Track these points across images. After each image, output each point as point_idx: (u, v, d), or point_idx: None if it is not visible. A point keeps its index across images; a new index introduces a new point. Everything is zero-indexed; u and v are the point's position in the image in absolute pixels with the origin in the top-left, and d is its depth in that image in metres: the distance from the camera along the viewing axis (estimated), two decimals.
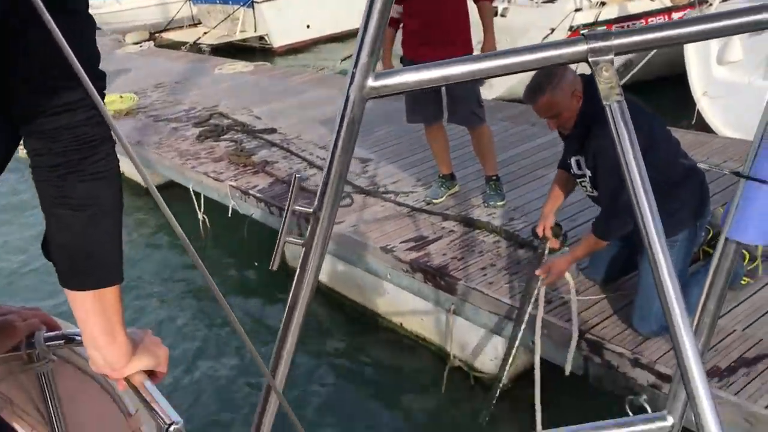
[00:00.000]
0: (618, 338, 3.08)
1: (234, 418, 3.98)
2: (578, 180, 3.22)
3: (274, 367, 0.92)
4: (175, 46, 13.87)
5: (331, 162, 0.83)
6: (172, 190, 6.60)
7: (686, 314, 0.84)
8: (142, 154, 6.62)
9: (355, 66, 0.80)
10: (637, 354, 2.97)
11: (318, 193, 0.84)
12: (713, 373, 2.79)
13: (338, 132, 0.82)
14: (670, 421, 0.98)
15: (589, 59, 0.80)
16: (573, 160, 3.16)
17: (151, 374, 1.09)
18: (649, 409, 2.91)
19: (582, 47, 0.80)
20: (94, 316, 1.01)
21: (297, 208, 0.87)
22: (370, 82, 0.80)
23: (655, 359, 2.93)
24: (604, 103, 0.82)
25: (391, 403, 3.95)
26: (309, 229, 0.86)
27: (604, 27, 7.42)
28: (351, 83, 0.80)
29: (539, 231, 3.36)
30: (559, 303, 3.38)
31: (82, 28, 0.93)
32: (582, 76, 3.06)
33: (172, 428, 0.96)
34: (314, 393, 4.07)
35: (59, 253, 0.99)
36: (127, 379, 1.07)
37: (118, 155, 0.99)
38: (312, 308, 0.90)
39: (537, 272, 3.18)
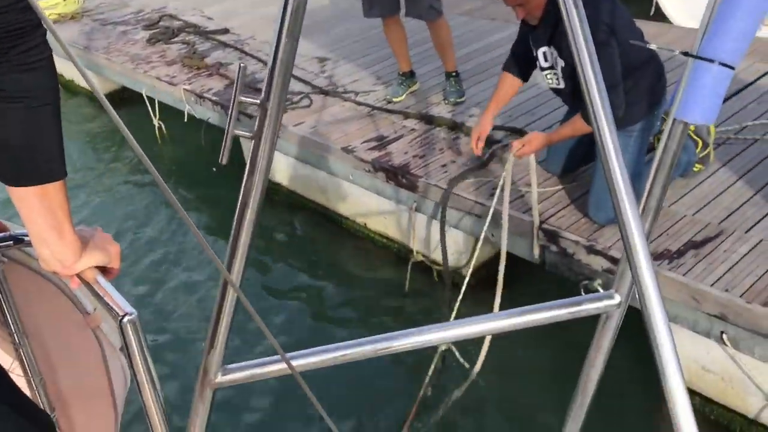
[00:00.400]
0: (574, 227, 3.16)
1: (191, 314, 4.06)
2: (544, 73, 3.20)
3: (230, 263, 0.92)
4: None
5: (276, 50, 0.80)
6: (124, 96, 6.42)
7: (633, 196, 0.85)
8: (91, 59, 6.36)
9: None
10: (592, 241, 3.06)
11: (265, 83, 0.82)
12: (664, 256, 2.89)
13: (282, 18, 0.79)
14: (617, 299, 1.03)
15: None
16: (540, 53, 3.12)
17: (103, 271, 1.08)
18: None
19: None
20: (40, 213, 0.99)
21: (243, 98, 0.85)
22: None
23: (609, 246, 3.02)
24: None
25: (356, 300, 4.04)
26: (257, 120, 0.84)
27: None
28: None
29: (473, 140, 3.36)
30: (517, 196, 3.43)
31: None
32: None
33: (126, 319, 0.95)
34: (277, 294, 4.13)
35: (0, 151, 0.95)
36: (79, 276, 1.06)
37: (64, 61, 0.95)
38: (275, 211, 0.90)
39: (514, 143, 3.15)
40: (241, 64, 0.88)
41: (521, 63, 3.32)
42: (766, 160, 3.45)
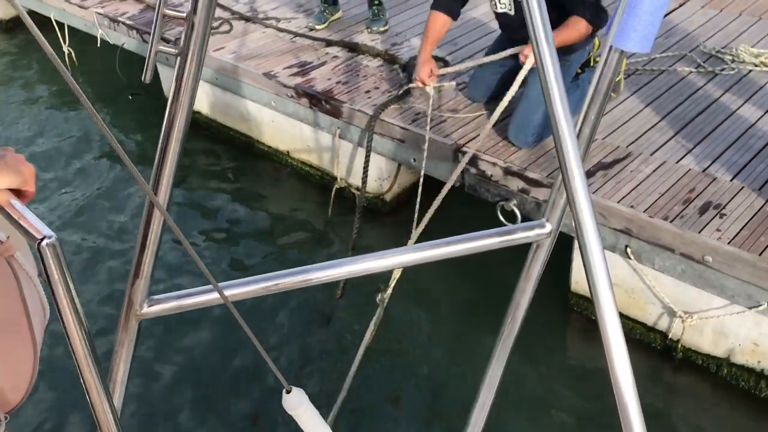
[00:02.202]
0: (492, 150, 3.27)
1: (115, 235, 3.99)
2: (500, 11, 3.24)
3: (156, 184, 0.89)
4: None
5: None
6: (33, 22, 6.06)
7: (571, 124, 0.86)
8: None
9: None
10: (509, 163, 3.18)
11: None
12: None
13: None
14: (548, 227, 1.03)
15: None
16: None
17: (17, 194, 1.01)
18: (518, 213, 3.18)
19: None
20: None
21: (168, 11, 0.81)
22: None
23: (525, 167, 3.15)
24: None
25: (279, 228, 4.05)
26: (183, 35, 0.80)
27: None
28: None
29: (425, 78, 3.35)
30: (439, 121, 3.51)
31: None
32: None
33: (44, 242, 0.88)
34: (199, 224, 4.09)
35: None
36: None
37: None
38: (195, 140, 0.87)
39: (525, 51, 3.11)
40: None
41: (454, 4, 3.33)
42: (671, 90, 3.64)
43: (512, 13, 3.21)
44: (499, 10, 3.28)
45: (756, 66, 3.77)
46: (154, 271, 0.98)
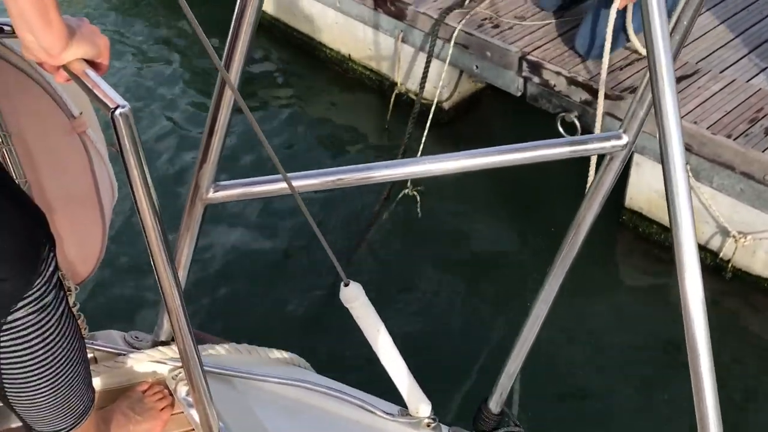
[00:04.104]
0: (557, 59, 3.24)
1: (186, 121, 4.09)
2: None
3: (228, 62, 0.88)
4: None
5: None
6: None
7: (666, 29, 0.83)
8: None
9: None
10: (574, 73, 3.14)
11: None
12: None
13: None
14: (624, 139, 0.99)
15: None
16: None
17: (92, 65, 1.00)
18: (578, 125, 3.17)
19: None
20: None
21: None
22: None
23: (589, 78, 3.12)
24: None
25: (338, 128, 4.12)
26: None
27: None
28: None
29: None
30: (505, 27, 3.47)
31: None
32: None
33: (118, 112, 0.87)
34: (262, 125, 4.17)
35: None
36: (66, 69, 0.98)
37: None
38: (258, 42, 0.85)
39: None
40: None
41: None
42: (750, 8, 3.50)
43: None
44: None
45: None
46: (221, 157, 0.97)
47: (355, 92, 4.37)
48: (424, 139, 3.58)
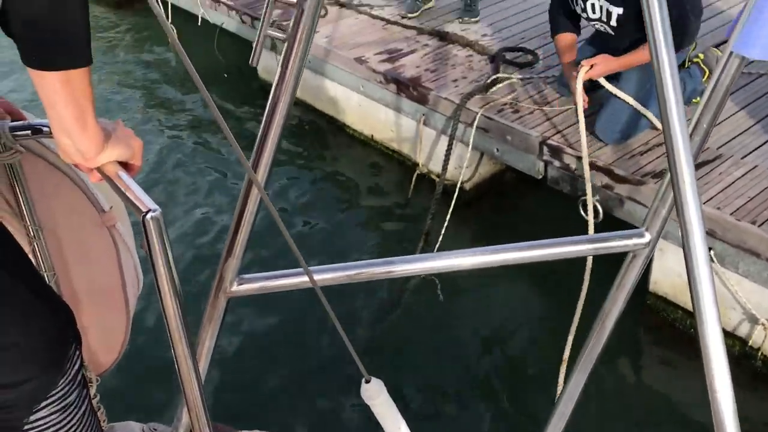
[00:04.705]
0: (578, 144, 3.26)
1: (213, 212, 4.16)
2: (591, 23, 3.25)
3: (256, 163, 0.91)
4: None
5: None
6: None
7: (686, 131, 0.82)
8: None
9: None
10: (594, 158, 3.17)
11: None
12: (659, 175, 3.01)
13: None
14: (647, 237, 0.97)
15: None
16: (589, 5, 3.14)
17: (125, 166, 1.04)
18: (600, 209, 3.17)
19: None
20: (63, 100, 0.94)
21: None
22: None
23: (610, 162, 3.14)
24: None
25: (360, 208, 4.16)
26: (292, 20, 0.81)
27: None
28: None
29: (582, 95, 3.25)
30: (526, 112, 3.53)
31: None
32: None
33: (149, 215, 0.90)
34: (286, 201, 4.24)
35: (23, 27, 0.91)
36: (100, 171, 1.02)
37: None
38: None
39: (583, 62, 3.14)
40: None
41: (567, 21, 3.34)
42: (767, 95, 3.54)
43: (611, 32, 3.19)
44: (597, 26, 3.27)
45: None
46: (247, 250, 0.98)
47: (378, 171, 4.43)
48: (446, 222, 3.61)
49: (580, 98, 3.12)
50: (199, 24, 5.43)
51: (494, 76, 3.75)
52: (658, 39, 0.81)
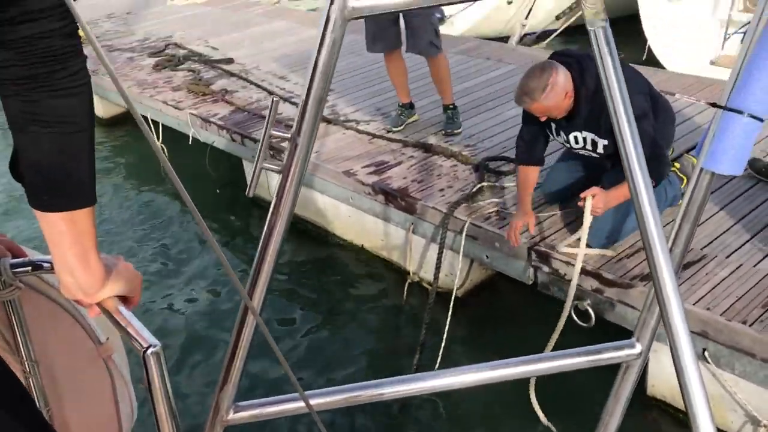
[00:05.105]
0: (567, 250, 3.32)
1: (210, 341, 4.12)
2: (577, 150, 3.33)
3: (251, 291, 0.93)
4: None
5: (310, 85, 0.81)
6: (128, 120, 6.60)
7: (666, 248, 0.87)
8: (97, 82, 6.53)
9: None
10: (583, 263, 3.22)
11: (297, 118, 0.82)
12: (649, 278, 3.05)
13: (318, 54, 0.79)
14: (638, 348, 1.00)
15: None
16: (572, 137, 3.25)
17: (124, 300, 1.06)
18: (592, 313, 3.19)
19: None
20: (67, 240, 0.97)
21: (274, 132, 0.86)
22: (352, 2, 0.77)
23: (599, 266, 3.19)
24: (589, 28, 0.82)
25: (354, 320, 4.15)
26: (287, 154, 0.84)
27: None
28: (332, 4, 0.77)
29: (516, 230, 3.33)
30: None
31: None
32: (572, 68, 3.05)
33: (149, 351, 0.91)
34: (280, 312, 4.23)
35: (32, 173, 0.94)
36: (100, 305, 1.04)
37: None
38: None
39: (582, 194, 3.10)
40: (274, 99, 0.88)
41: (533, 151, 3.38)
42: (745, 194, 3.65)
43: (596, 157, 3.28)
44: (580, 151, 3.34)
45: None
46: (242, 377, 0.99)
47: (369, 281, 4.45)
48: (445, 334, 3.60)
49: (585, 233, 3.08)
50: (190, 143, 5.58)
51: (479, 185, 3.87)
52: (634, 170, 0.87)
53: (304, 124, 0.82)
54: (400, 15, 4.49)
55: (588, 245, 3.18)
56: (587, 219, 3.07)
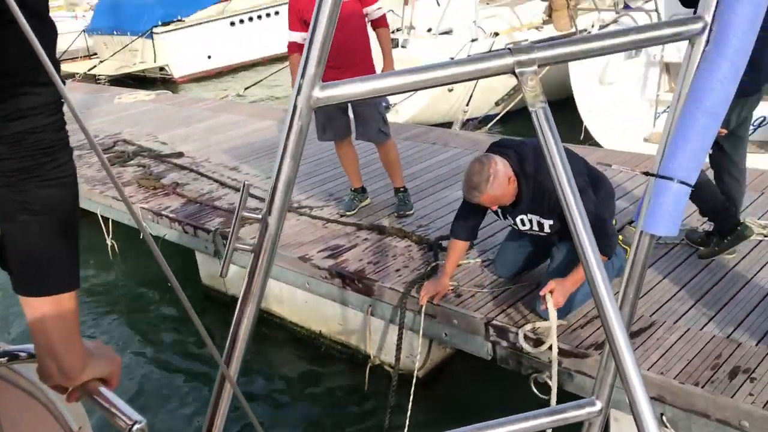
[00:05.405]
0: (521, 322, 3.40)
1: (187, 414, 4.04)
2: (524, 229, 3.45)
3: (228, 358, 0.95)
4: (70, 78, 13.56)
5: (279, 168, 0.86)
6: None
7: (616, 307, 0.92)
8: None
9: (303, 77, 0.85)
10: (539, 335, 3.29)
11: (267, 199, 0.87)
12: (603, 345, 3.13)
13: (286, 139, 0.86)
14: (598, 405, 1.03)
15: (516, 71, 0.88)
16: (518, 220, 3.40)
17: (103, 383, 1.07)
18: (553, 385, 3.24)
19: (509, 60, 0.88)
20: (52, 323, 0.98)
21: (246, 214, 0.90)
22: (317, 93, 0.84)
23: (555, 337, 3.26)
24: (530, 109, 0.90)
25: (317, 408, 4.10)
26: (258, 234, 0.89)
27: None
28: (298, 94, 0.85)
29: (426, 296, 3.55)
30: (468, 296, 3.68)
31: (49, 32, 0.94)
32: (510, 157, 3.23)
33: (135, 428, 0.92)
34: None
35: (19, 260, 0.97)
36: (81, 388, 1.04)
37: None
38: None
39: (541, 293, 3.20)
40: (246, 183, 0.93)
41: (468, 228, 3.56)
42: (685, 262, 3.82)
43: (543, 235, 3.41)
44: (528, 232, 3.47)
45: (765, 236, 3.98)
46: None
47: (330, 366, 4.42)
48: (408, 419, 3.59)
49: (554, 332, 3.18)
50: (141, 237, 5.55)
51: (434, 263, 3.95)
52: (582, 239, 0.93)
53: (274, 205, 0.87)
54: (349, 104, 4.67)
55: (541, 317, 3.26)
56: (552, 315, 3.16)
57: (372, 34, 4.50)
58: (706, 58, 1.03)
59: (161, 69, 13.91)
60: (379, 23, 4.51)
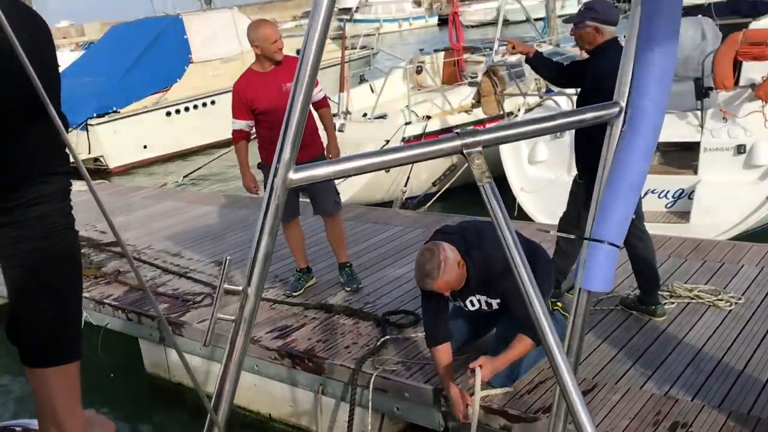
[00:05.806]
0: (471, 391, 3.48)
1: None
2: (473, 309, 3.55)
3: (216, 405, 1.05)
4: None
5: (258, 244, 0.96)
6: None
7: (565, 357, 1.02)
8: None
9: (278, 161, 0.95)
10: (489, 402, 3.38)
11: (246, 273, 0.98)
12: (548, 410, 3.24)
13: (264, 217, 0.96)
14: None
15: (464, 151, 1.03)
16: (468, 301, 3.50)
17: None
18: None
19: (457, 142, 1.03)
20: (57, 392, 1.05)
21: (227, 287, 0.99)
22: (291, 175, 0.96)
23: (503, 405, 3.35)
24: (478, 183, 1.02)
25: None
26: (239, 305, 1.00)
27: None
28: (275, 176, 0.95)
29: (461, 408, 3.35)
30: (417, 368, 3.75)
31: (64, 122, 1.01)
32: (455, 242, 3.33)
33: None
34: None
35: (30, 335, 1.04)
36: None
37: None
38: (178, 414, 1.05)
39: (471, 366, 3.25)
40: (227, 257, 1.03)
41: (440, 328, 3.50)
42: (621, 326, 4.02)
43: (493, 310, 3.51)
44: (476, 311, 3.56)
45: (692, 299, 4.23)
46: None
47: None
48: None
49: (477, 406, 3.22)
50: (82, 326, 5.42)
51: (383, 338, 4.02)
52: (543, 326, 1.04)
53: (253, 278, 0.97)
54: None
55: (490, 384, 3.36)
56: (478, 388, 3.20)
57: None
58: (623, 137, 1.22)
59: (95, 160, 13.81)
60: (321, 104, 4.73)
